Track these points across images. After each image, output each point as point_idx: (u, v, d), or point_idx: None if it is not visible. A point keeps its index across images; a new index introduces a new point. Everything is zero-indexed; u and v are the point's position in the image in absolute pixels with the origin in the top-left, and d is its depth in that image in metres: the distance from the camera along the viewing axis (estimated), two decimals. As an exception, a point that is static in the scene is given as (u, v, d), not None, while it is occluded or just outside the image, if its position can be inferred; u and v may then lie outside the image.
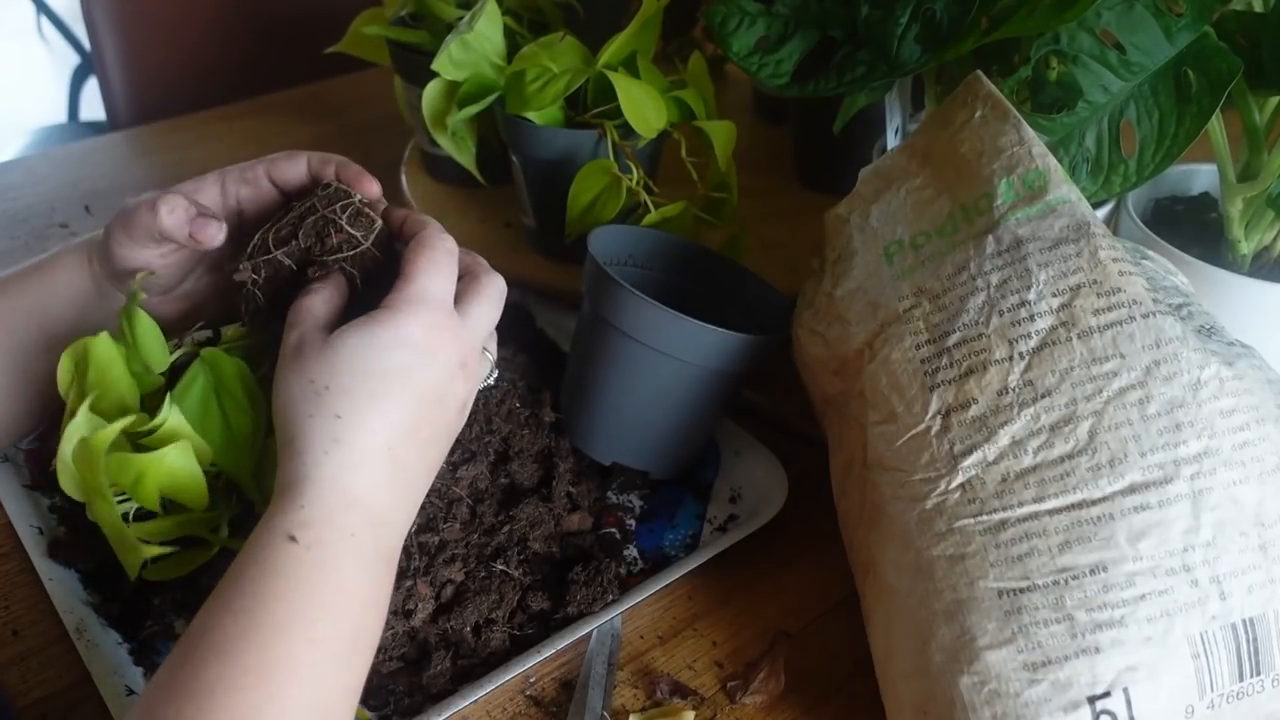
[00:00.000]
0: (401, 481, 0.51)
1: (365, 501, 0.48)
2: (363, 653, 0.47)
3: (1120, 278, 0.52)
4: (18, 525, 0.63)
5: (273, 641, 0.43)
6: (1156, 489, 0.48)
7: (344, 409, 0.49)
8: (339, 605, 0.46)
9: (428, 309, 0.51)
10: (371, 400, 0.49)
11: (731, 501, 0.68)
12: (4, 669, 0.57)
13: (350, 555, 0.47)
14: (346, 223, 0.55)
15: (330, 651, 0.45)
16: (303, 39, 1.10)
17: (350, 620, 0.46)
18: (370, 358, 0.50)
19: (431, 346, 0.51)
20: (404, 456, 0.50)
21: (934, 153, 0.58)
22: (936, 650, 0.49)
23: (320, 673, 0.44)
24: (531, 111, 0.76)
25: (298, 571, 0.45)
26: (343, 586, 0.46)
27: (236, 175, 0.60)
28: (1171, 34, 0.58)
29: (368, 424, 0.49)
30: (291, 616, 0.44)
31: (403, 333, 0.50)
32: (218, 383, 0.55)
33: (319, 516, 0.47)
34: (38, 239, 0.92)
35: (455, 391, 0.53)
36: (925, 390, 0.53)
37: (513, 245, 0.87)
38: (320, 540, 0.46)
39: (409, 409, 0.50)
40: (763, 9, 0.70)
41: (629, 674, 0.58)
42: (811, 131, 0.94)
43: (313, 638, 0.44)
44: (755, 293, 0.71)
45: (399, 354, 0.50)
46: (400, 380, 0.50)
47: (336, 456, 0.48)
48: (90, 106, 1.96)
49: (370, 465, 0.49)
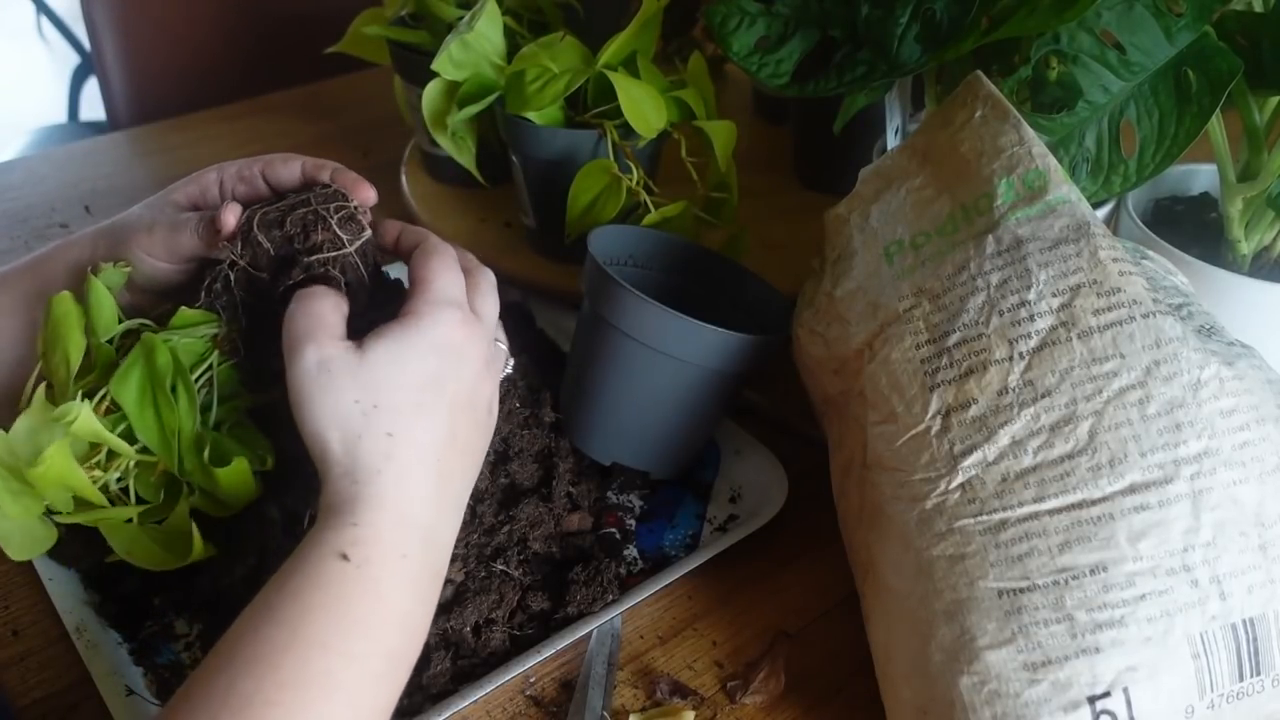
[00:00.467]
0: (447, 494, 0.51)
1: (416, 518, 0.48)
2: (400, 674, 0.47)
3: (1120, 278, 0.52)
4: (18, 525, 0.63)
5: (313, 656, 0.43)
6: (1156, 489, 0.48)
7: (392, 426, 0.48)
8: (382, 625, 0.46)
9: (451, 310, 0.51)
10: (417, 413, 0.49)
11: (731, 501, 0.68)
12: (4, 669, 0.57)
13: (400, 576, 0.47)
14: (336, 224, 0.54)
15: (369, 670, 0.45)
16: (303, 39, 1.10)
17: (392, 641, 0.46)
18: (409, 369, 0.49)
19: (459, 348, 0.51)
20: (448, 466, 0.50)
21: (934, 153, 0.58)
22: (936, 650, 0.49)
23: (357, 691, 0.44)
24: (531, 111, 0.76)
25: (346, 589, 0.45)
26: (389, 607, 0.46)
27: (234, 173, 0.60)
28: (1171, 34, 0.58)
29: (414, 439, 0.49)
30: (333, 633, 0.44)
31: (433, 337, 0.50)
32: (151, 373, 0.53)
33: (371, 535, 0.47)
34: (38, 239, 0.92)
35: (484, 391, 0.53)
36: (925, 390, 0.53)
37: (513, 245, 0.87)
38: (370, 559, 0.46)
39: (445, 416, 0.50)
40: (763, 9, 0.70)
41: (629, 674, 0.58)
42: (811, 131, 0.94)
43: (353, 655, 0.44)
44: (755, 293, 0.71)
45: (433, 360, 0.50)
46: (436, 389, 0.50)
47: (389, 474, 0.48)
48: (90, 106, 1.96)
49: (418, 479, 0.49)
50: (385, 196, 0.67)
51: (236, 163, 0.60)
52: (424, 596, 0.49)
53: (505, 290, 0.83)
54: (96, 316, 0.55)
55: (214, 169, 0.61)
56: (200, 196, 0.60)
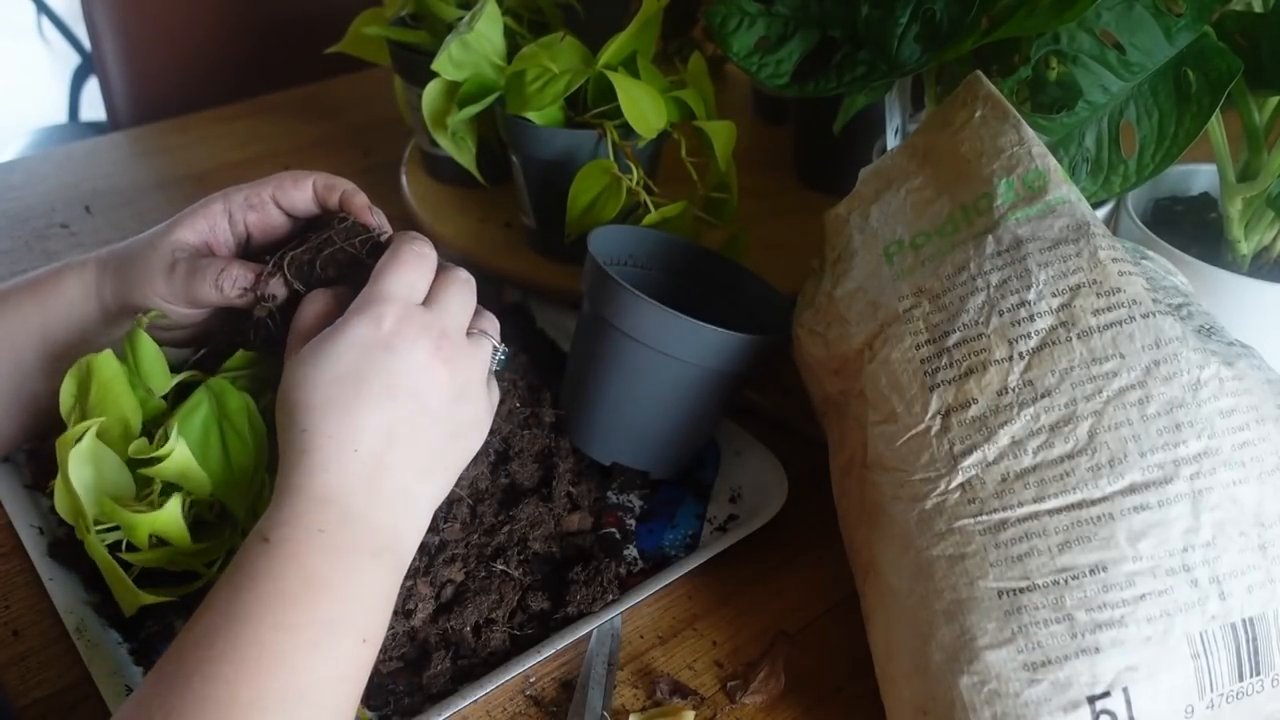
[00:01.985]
0: (385, 480, 0.51)
1: (337, 499, 0.49)
2: (348, 644, 0.48)
3: (1120, 278, 0.52)
4: (18, 525, 0.63)
5: (243, 630, 0.45)
6: (1156, 489, 0.48)
7: (305, 421, 0.50)
8: (307, 595, 0.47)
9: (381, 305, 0.52)
10: (328, 408, 0.50)
11: (731, 501, 0.68)
12: (4, 669, 0.57)
13: (317, 549, 0.48)
14: (365, 256, 0.56)
15: (303, 639, 0.46)
16: (303, 39, 1.10)
17: (325, 610, 0.47)
18: (324, 368, 0.51)
19: (386, 342, 0.52)
20: (380, 456, 0.51)
21: (934, 153, 0.58)
22: (936, 650, 0.49)
23: (295, 659, 0.45)
24: (531, 111, 0.76)
25: (266, 566, 0.47)
26: (310, 578, 0.47)
27: (242, 201, 0.61)
28: (1171, 34, 0.58)
29: (327, 431, 0.50)
30: (260, 606, 0.46)
31: (350, 336, 0.51)
32: (221, 414, 0.56)
33: (288, 517, 0.48)
34: (38, 239, 0.92)
35: (435, 380, 0.53)
36: (925, 390, 0.53)
37: (513, 245, 0.87)
38: (288, 537, 0.48)
39: (372, 408, 0.51)
40: (763, 9, 0.70)
41: (629, 674, 0.58)
42: (811, 131, 0.94)
43: (282, 625, 0.45)
44: (755, 293, 0.71)
45: (349, 357, 0.51)
46: (355, 383, 0.51)
47: (303, 467, 0.50)
48: (90, 106, 1.96)
49: (336, 469, 0.50)
50: (385, 196, 0.67)
51: (244, 189, 0.61)
52: (355, 569, 0.49)
53: (505, 290, 0.84)
54: (149, 373, 0.57)
55: (220, 198, 0.61)
56: (210, 232, 0.60)
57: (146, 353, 0.56)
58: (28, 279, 0.61)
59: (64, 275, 0.61)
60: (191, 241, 0.60)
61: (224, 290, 0.57)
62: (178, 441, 0.53)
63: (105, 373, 0.55)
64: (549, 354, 0.78)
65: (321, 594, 0.47)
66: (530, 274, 0.83)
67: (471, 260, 0.85)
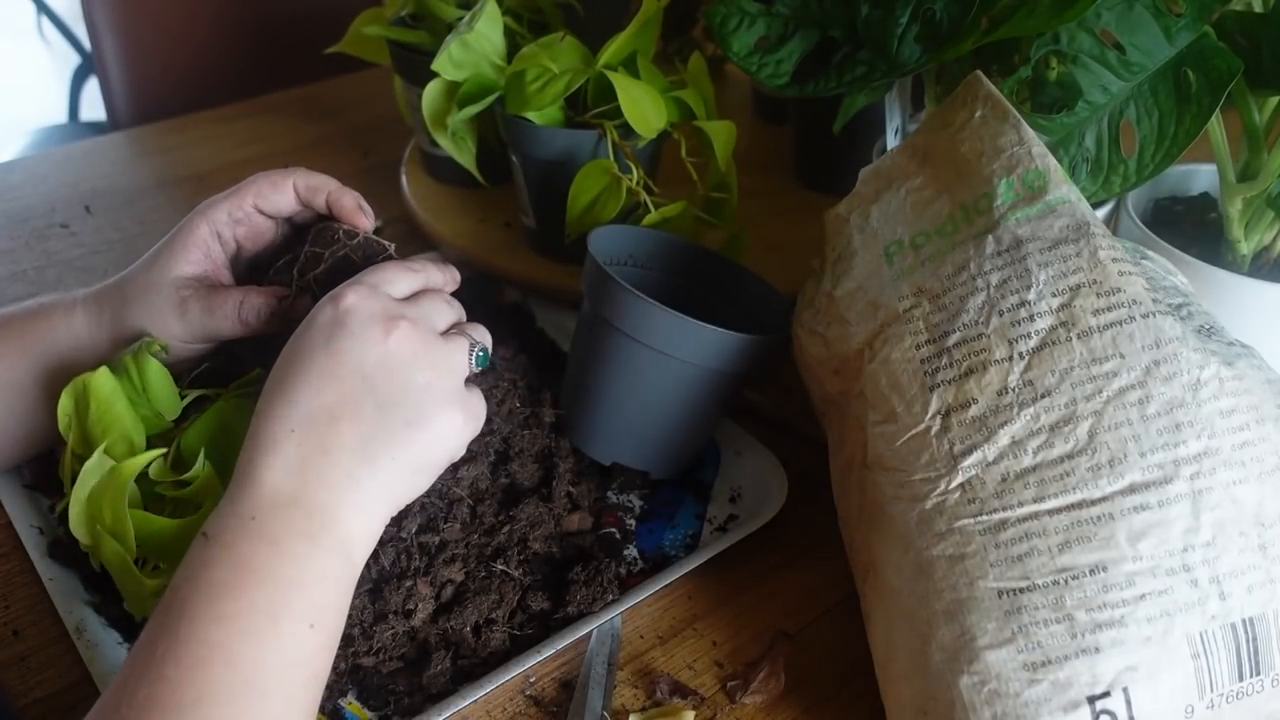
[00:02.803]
0: (323, 462, 0.49)
1: (268, 483, 0.48)
2: (291, 629, 0.46)
3: (1120, 278, 0.52)
4: (18, 525, 0.63)
5: (182, 627, 0.44)
6: (1156, 489, 0.48)
7: (262, 406, 0.50)
8: (241, 584, 0.46)
9: (345, 288, 0.52)
10: (274, 389, 0.50)
11: (731, 501, 0.68)
12: (4, 669, 0.57)
13: (248, 536, 0.47)
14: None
15: (242, 628, 0.45)
16: (303, 39, 1.10)
17: (262, 597, 0.46)
18: (283, 354, 0.51)
19: (340, 320, 0.51)
20: (319, 436, 0.49)
21: (934, 153, 0.58)
22: (936, 650, 0.49)
23: (235, 650, 0.45)
24: (531, 111, 0.76)
25: (200, 558, 0.47)
26: (241, 565, 0.46)
27: (226, 218, 0.60)
28: (1171, 34, 0.58)
29: (271, 412, 0.50)
30: (196, 602, 0.45)
31: (311, 317, 0.52)
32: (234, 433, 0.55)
33: (224, 508, 0.48)
34: (38, 239, 0.92)
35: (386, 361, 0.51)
36: (925, 390, 0.53)
37: (513, 245, 0.87)
38: (223, 529, 0.47)
39: (313, 388, 0.50)
40: (763, 9, 0.70)
41: (629, 674, 0.58)
42: (811, 131, 0.94)
43: (221, 617, 0.45)
44: (755, 293, 0.71)
45: (304, 338, 0.51)
46: (301, 362, 0.51)
47: (247, 451, 0.49)
48: (90, 106, 1.96)
49: (272, 450, 0.49)
50: (385, 196, 0.67)
51: (221, 204, 0.60)
52: (290, 553, 0.48)
53: (505, 290, 0.84)
54: (157, 398, 0.57)
55: (202, 220, 0.60)
56: (206, 260, 0.60)
57: (154, 377, 0.56)
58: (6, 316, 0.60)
59: (49, 315, 0.60)
60: (191, 274, 0.59)
61: (249, 322, 0.57)
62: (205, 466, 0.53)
63: (103, 391, 0.55)
64: (549, 354, 0.78)
65: (257, 581, 0.46)
66: (530, 274, 0.83)
67: (471, 260, 0.85)
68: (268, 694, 0.45)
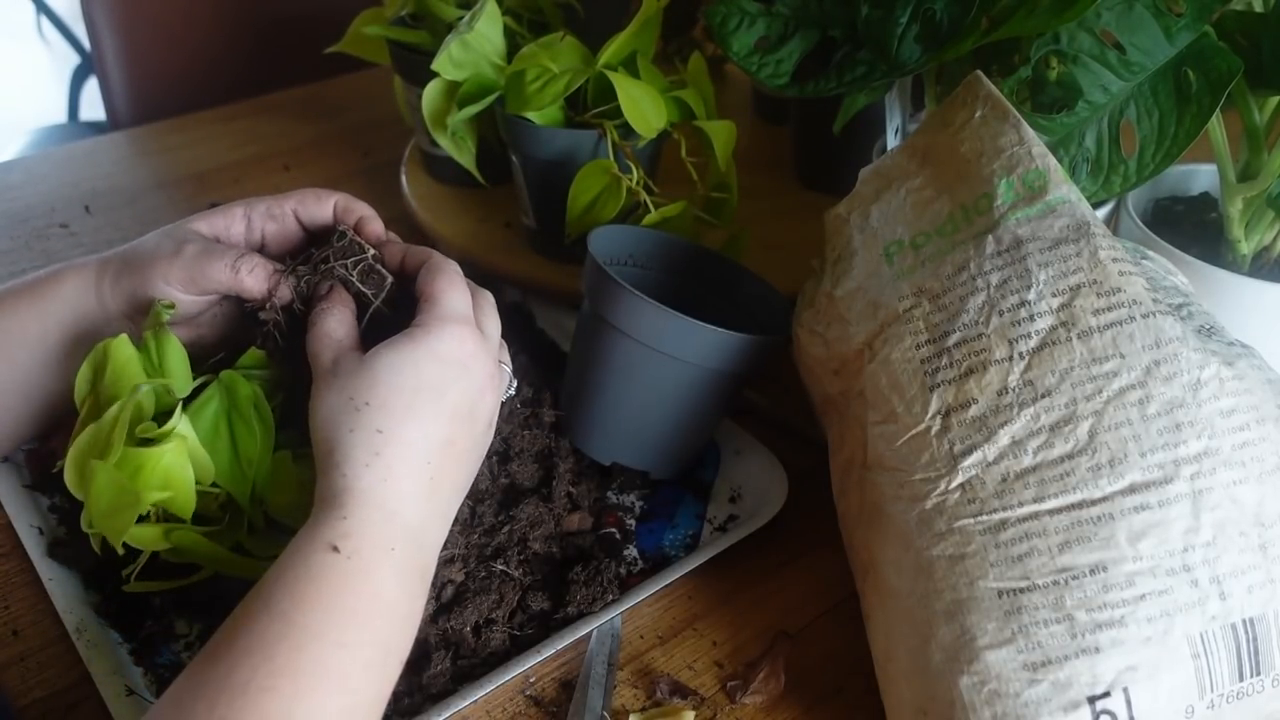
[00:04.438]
0: (437, 498, 0.52)
1: (403, 515, 0.49)
2: (392, 666, 0.48)
3: (1120, 278, 0.52)
4: (18, 525, 0.63)
5: (307, 645, 0.44)
6: (1156, 489, 0.48)
7: (383, 424, 0.50)
8: (372, 615, 0.47)
9: (457, 325, 0.53)
10: (407, 414, 0.50)
11: (731, 501, 0.68)
12: (4, 669, 0.57)
13: (388, 568, 0.48)
14: (357, 279, 0.57)
15: (361, 659, 0.46)
16: (303, 39, 1.10)
17: (382, 631, 0.47)
18: (407, 374, 0.51)
19: (464, 361, 0.52)
20: (440, 471, 0.51)
21: (934, 153, 0.58)
22: (936, 650, 0.49)
23: (350, 679, 0.45)
24: (531, 111, 0.76)
25: (336, 580, 0.46)
26: (377, 597, 0.47)
27: (264, 210, 0.61)
28: (1171, 34, 0.58)
29: (405, 438, 0.50)
30: (326, 622, 0.45)
31: (436, 349, 0.52)
32: (231, 405, 0.56)
33: (359, 528, 0.48)
34: (38, 239, 0.92)
35: (485, 405, 0.54)
36: (925, 390, 0.53)
37: (513, 245, 0.87)
38: (359, 551, 0.47)
39: (443, 423, 0.51)
40: (763, 9, 0.70)
41: (629, 674, 0.58)
42: (811, 131, 0.94)
43: (344, 643, 0.45)
44: (755, 293, 0.71)
45: (433, 369, 0.51)
46: (434, 396, 0.51)
47: (377, 469, 0.49)
48: (90, 106, 1.96)
49: (408, 478, 0.50)
50: (385, 196, 0.67)
51: (266, 200, 0.61)
52: (412, 591, 0.50)
53: (505, 290, 0.84)
54: (172, 371, 0.57)
55: (241, 203, 0.61)
56: (224, 229, 0.61)
57: (172, 350, 0.56)
58: (25, 281, 0.61)
59: (62, 276, 0.61)
60: (204, 232, 0.60)
61: (239, 272, 0.56)
62: (181, 419, 0.53)
63: (120, 356, 0.55)
64: (549, 354, 0.78)
65: (383, 614, 0.47)
66: (530, 274, 0.83)
67: (471, 260, 0.85)
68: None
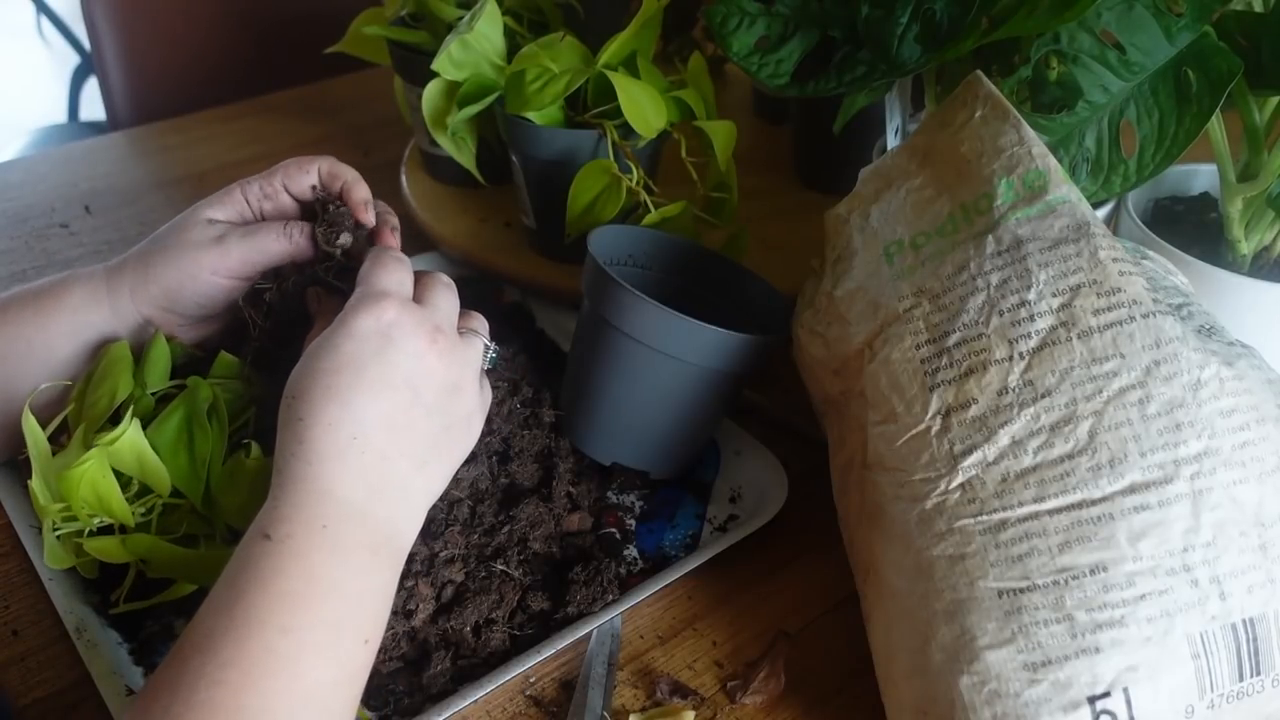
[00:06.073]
0: (382, 471, 0.51)
1: (336, 493, 0.49)
2: (350, 645, 0.47)
3: (1120, 278, 0.52)
4: (18, 525, 0.63)
5: (249, 634, 0.44)
6: (1156, 489, 0.48)
7: (303, 411, 0.50)
8: (312, 597, 0.46)
9: (375, 301, 0.53)
10: (326, 396, 0.50)
11: (731, 501, 0.68)
12: (4, 669, 0.57)
13: (321, 546, 0.47)
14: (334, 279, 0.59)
15: (310, 642, 0.45)
16: (303, 39, 1.10)
17: (329, 610, 0.46)
18: (324, 358, 0.51)
19: (384, 332, 0.52)
20: (378, 445, 0.50)
21: (934, 153, 0.58)
22: (936, 650, 0.49)
23: (300, 663, 0.45)
24: (531, 111, 0.76)
25: (269, 564, 0.46)
26: (314, 576, 0.47)
27: (257, 191, 0.62)
28: (1171, 34, 0.58)
29: (326, 419, 0.50)
30: (266, 609, 0.45)
31: (351, 326, 0.52)
32: (192, 410, 0.57)
33: (290, 513, 0.48)
34: (38, 239, 0.92)
35: (430, 370, 0.53)
36: (925, 390, 0.53)
37: (513, 245, 0.87)
38: (292, 534, 0.47)
39: (370, 397, 0.51)
40: (763, 9, 0.70)
41: (629, 674, 0.58)
42: (811, 131, 0.94)
43: (288, 628, 0.45)
44: (755, 293, 0.71)
45: (348, 347, 0.51)
46: (354, 372, 0.51)
47: (302, 455, 0.49)
48: (90, 106, 1.96)
49: (336, 459, 0.49)
50: (385, 196, 0.67)
51: (255, 180, 0.62)
52: (358, 568, 0.49)
53: (505, 290, 0.84)
54: (150, 368, 0.58)
55: (237, 187, 0.63)
56: (238, 215, 0.62)
57: (157, 352, 0.57)
58: (29, 289, 0.61)
59: (69, 285, 0.61)
60: (224, 218, 0.61)
61: (295, 238, 0.59)
62: (130, 423, 0.53)
63: (114, 353, 0.57)
64: (549, 354, 0.78)
65: (326, 594, 0.47)
66: (530, 274, 0.83)
67: (471, 260, 0.85)
68: (324, 710, 0.45)
